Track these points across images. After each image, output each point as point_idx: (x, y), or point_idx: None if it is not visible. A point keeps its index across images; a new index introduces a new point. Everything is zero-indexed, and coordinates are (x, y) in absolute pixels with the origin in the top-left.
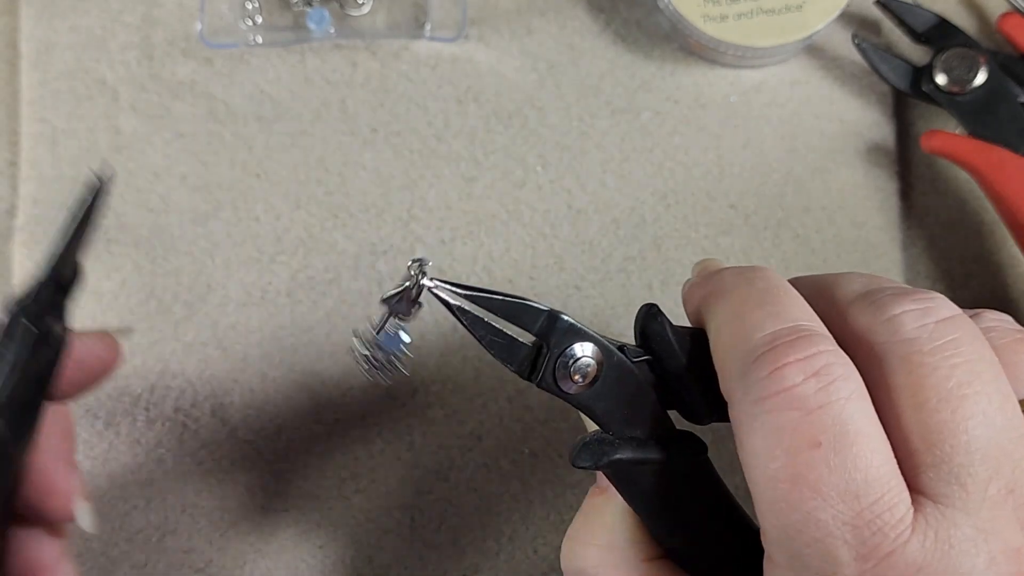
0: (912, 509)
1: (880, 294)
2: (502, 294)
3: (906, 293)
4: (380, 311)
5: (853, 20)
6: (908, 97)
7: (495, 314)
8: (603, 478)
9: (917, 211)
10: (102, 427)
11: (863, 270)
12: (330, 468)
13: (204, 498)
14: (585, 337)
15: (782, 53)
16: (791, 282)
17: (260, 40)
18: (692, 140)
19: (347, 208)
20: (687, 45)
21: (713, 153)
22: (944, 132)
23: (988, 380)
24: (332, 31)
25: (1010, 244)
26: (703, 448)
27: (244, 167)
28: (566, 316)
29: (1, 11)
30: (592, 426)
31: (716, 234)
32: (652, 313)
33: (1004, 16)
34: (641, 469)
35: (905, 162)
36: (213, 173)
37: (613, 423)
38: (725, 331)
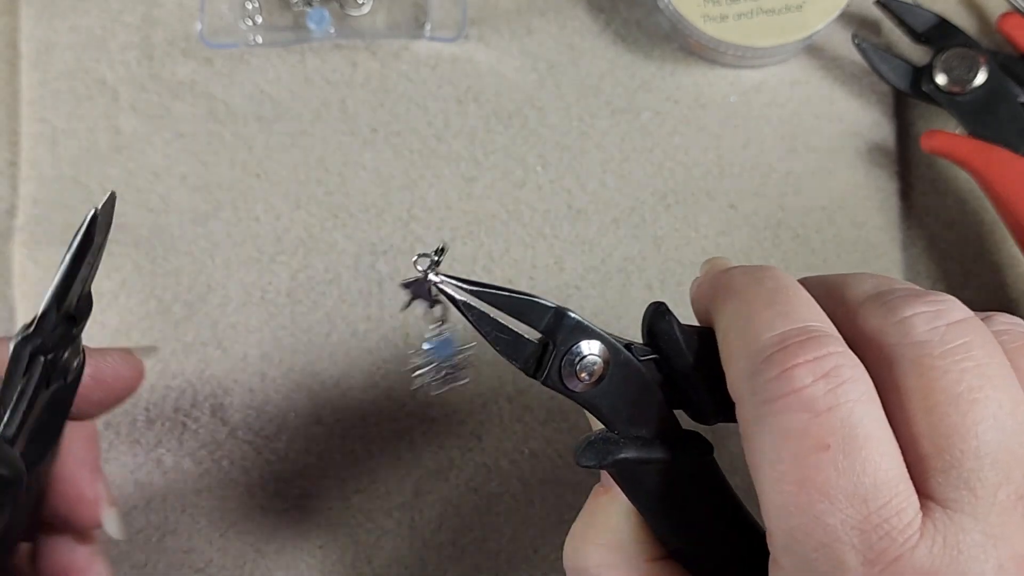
0: (921, 514)
1: (891, 295)
2: (509, 290)
3: (918, 295)
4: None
5: (853, 20)
6: (908, 97)
7: (501, 310)
8: (607, 477)
9: (917, 211)
10: (102, 427)
11: (863, 270)
12: (330, 468)
13: (204, 498)
14: (592, 335)
15: (782, 53)
16: (800, 282)
17: (260, 40)
18: (692, 140)
19: (347, 208)
20: (687, 45)
21: (713, 153)
22: (944, 132)
23: (999, 384)
24: (332, 31)
25: (1010, 244)
26: (709, 448)
27: (244, 167)
28: (573, 313)
29: (1, 11)
30: (597, 425)
31: (716, 234)
32: (660, 311)
33: (1004, 16)
34: (646, 469)
35: (905, 162)
36: (213, 173)
37: (618, 422)
38: (734, 331)
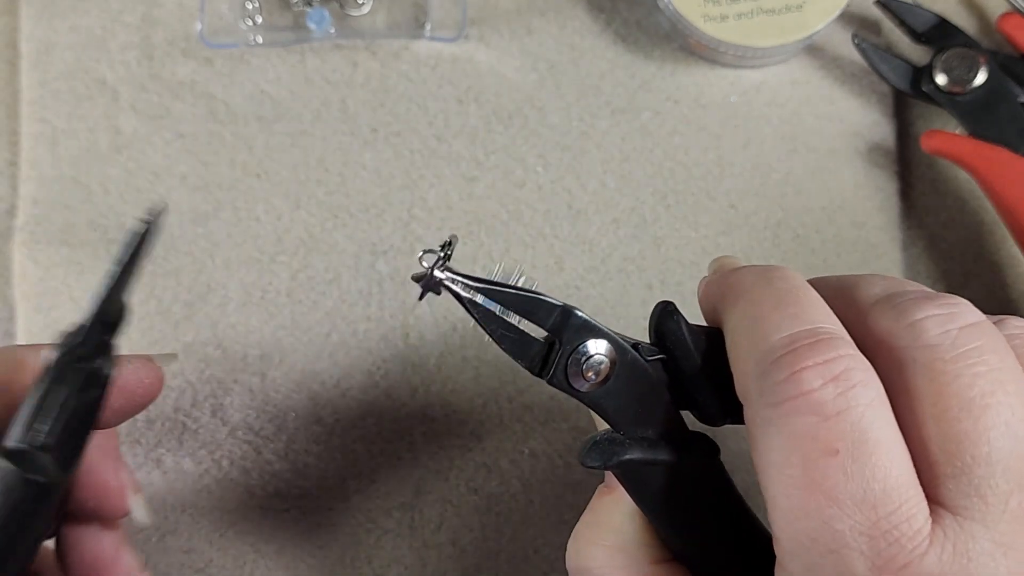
0: (930, 520)
1: (902, 297)
2: (515, 287)
3: (929, 297)
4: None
5: (853, 20)
6: (908, 97)
7: (507, 308)
8: (612, 477)
9: (917, 211)
10: None
11: (863, 270)
12: (330, 468)
13: (204, 498)
14: (599, 334)
15: (782, 53)
16: (810, 283)
17: (260, 40)
18: (692, 140)
19: (347, 208)
20: (687, 45)
21: (713, 153)
22: (944, 132)
23: (1012, 389)
24: (332, 31)
25: (1010, 244)
26: (716, 450)
27: (244, 167)
28: (580, 312)
29: (1, 11)
30: (602, 425)
31: (716, 234)
32: (668, 311)
33: (1004, 16)
34: (651, 470)
35: (905, 162)
36: (213, 173)
37: (624, 422)
38: (742, 331)
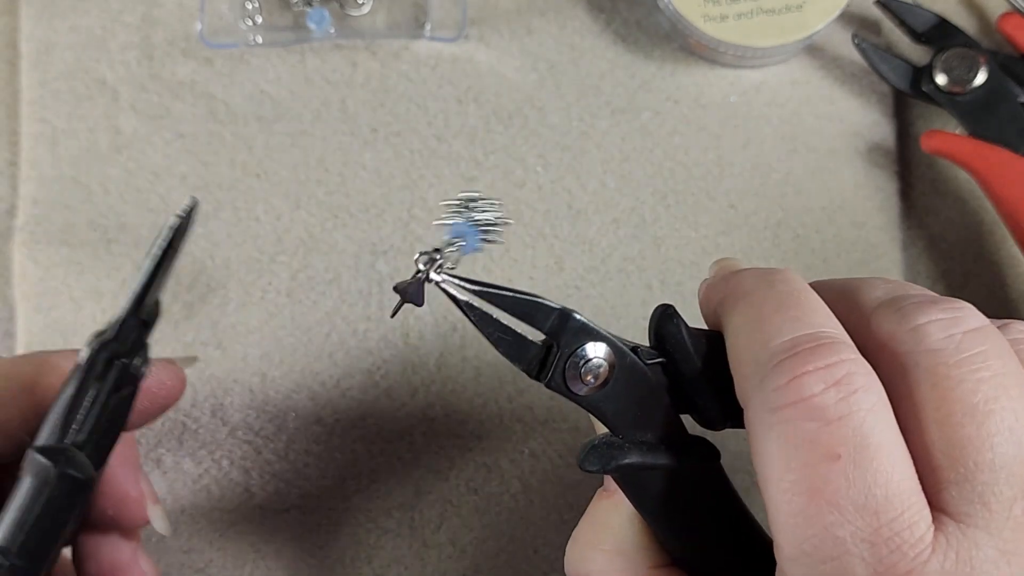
0: (933, 527)
1: (905, 301)
2: (513, 290)
3: (933, 301)
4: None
5: (853, 20)
6: (908, 97)
7: (505, 311)
8: (611, 481)
9: (917, 211)
10: None
11: (863, 270)
12: (330, 468)
13: (204, 498)
14: (597, 337)
15: (782, 53)
16: (812, 286)
17: (260, 40)
18: (692, 140)
19: (347, 208)
20: (687, 45)
21: (713, 153)
22: (944, 132)
23: (1015, 395)
24: (332, 31)
25: (1010, 244)
26: (716, 455)
27: (244, 167)
28: (578, 315)
29: (1, 11)
30: (601, 428)
31: (716, 234)
32: (668, 314)
33: (1004, 16)
34: (651, 474)
35: (905, 162)
36: (213, 173)
37: (623, 426)
38: (743, 335)
